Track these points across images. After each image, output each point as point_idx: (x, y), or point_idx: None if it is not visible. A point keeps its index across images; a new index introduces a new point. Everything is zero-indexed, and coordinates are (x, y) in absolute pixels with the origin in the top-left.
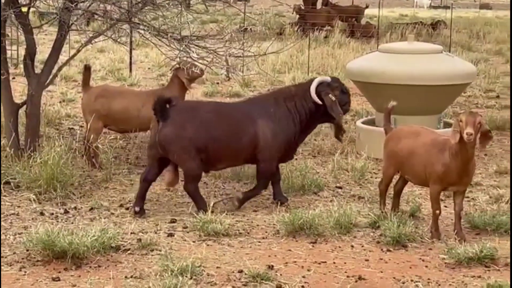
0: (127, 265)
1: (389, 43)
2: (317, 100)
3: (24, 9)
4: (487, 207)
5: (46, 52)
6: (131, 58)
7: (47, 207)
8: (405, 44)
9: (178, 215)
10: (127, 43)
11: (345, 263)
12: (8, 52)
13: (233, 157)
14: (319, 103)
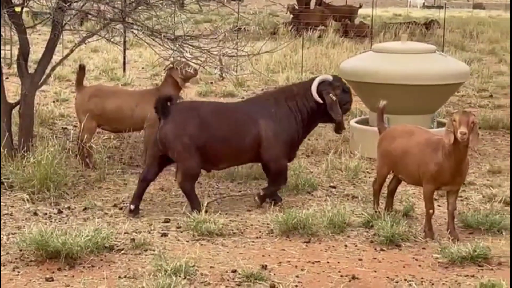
0: (121, 265)
1: (383, 43)
2: (318, 99)
3: (18, 9)
4: (480, 207)
5: (40, 52)
6: (125, 58)
7: (41, 207)
8: (399, 44)
9: (172, 215)
10: (121, 43)
11: (339, 263)
12: (2, 52)
13: (235, 157)
14: (320, 102)
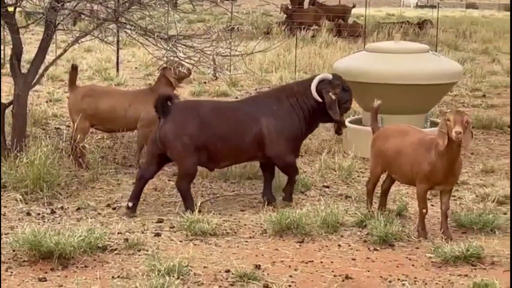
0: (114, 265)
1: (376, 43)
2: (317, 98)
3: (10, 9)
4: (474, 206)
5: (33, 52)
6: (118, 58)
7: (34, 207)
8: (392, 44)
9: (165, 215)
10: (114, 43)
11: (332, 262)
12: None
13: (236, 155)
14: (320, 101)
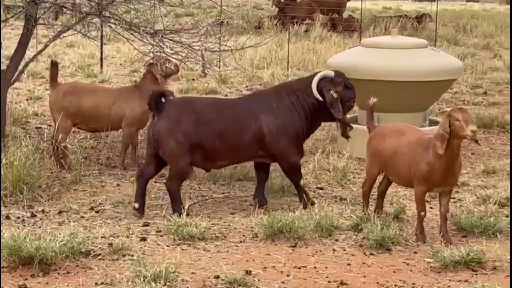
0: (98, 271)
1: (372, 37)
2: (318, 96)
3: None
4: (474, 208)
5: (12, 48)
6: (102, 54)
7: (13, 211)
8: (389, 38)
9: (151, 218)
10: (98, 38)
11: (327, 268)
12: None
13: (234, 154)
14: (321, 100)
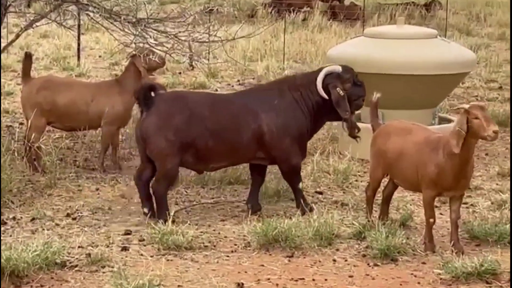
0: (74, 284)
1: (376, 27)
2: (323, 94)
3: None
4: (488, 215)
5: None
6: (79, 45)
7: None
8: (394, 28)
9: (134, 226)
10: (75, 27)
11: (326, 280)
12: None
13: (230, 155)
14: (326, 98)
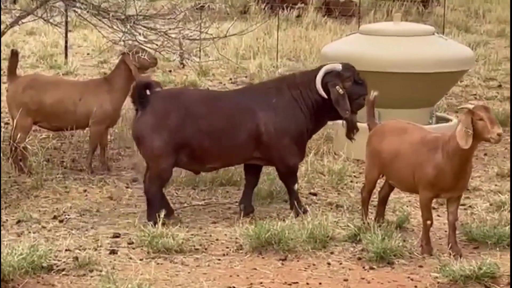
0: None
1: (372, 24)
2: (322, 93)
3: None
4: (487, 216)
5: None
6: (67, 42)
7: None
8: (391, 25)
9: (122, 229)
10: (62, 24)
11: (321, 284)
12: None
13: (227, 156)
14: (325, 97)
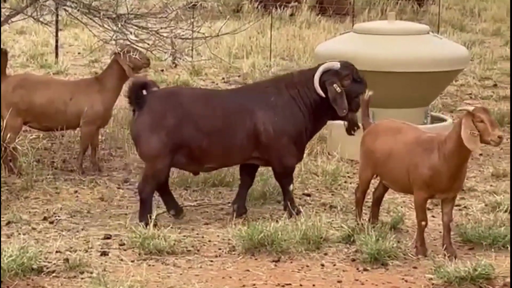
0: None
1: (366, 22)
2: (319, 91)
3: None
4: (482, 217)
5: None
6: (57, 41)
7: None
8: (385, 24)
9: (114, 230)
10: (52, 23)
11: (314, 285)
12: None
13: (226, 156)
14: (322, 95)
